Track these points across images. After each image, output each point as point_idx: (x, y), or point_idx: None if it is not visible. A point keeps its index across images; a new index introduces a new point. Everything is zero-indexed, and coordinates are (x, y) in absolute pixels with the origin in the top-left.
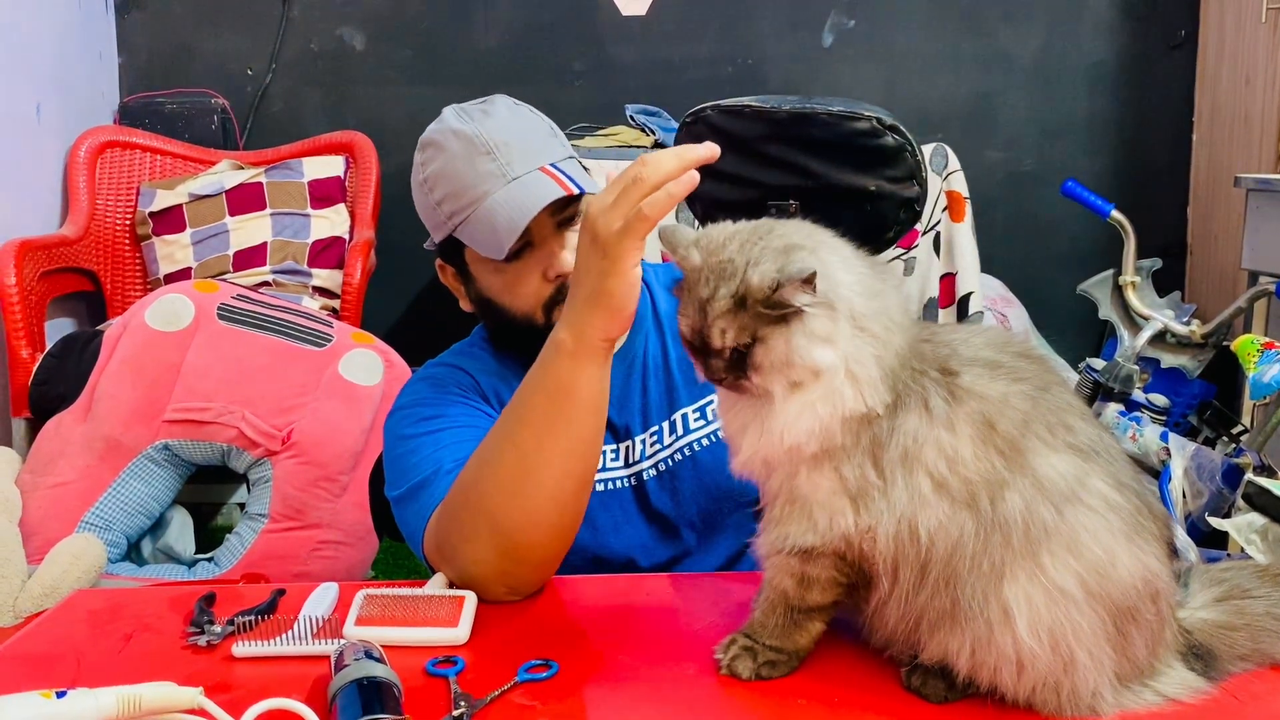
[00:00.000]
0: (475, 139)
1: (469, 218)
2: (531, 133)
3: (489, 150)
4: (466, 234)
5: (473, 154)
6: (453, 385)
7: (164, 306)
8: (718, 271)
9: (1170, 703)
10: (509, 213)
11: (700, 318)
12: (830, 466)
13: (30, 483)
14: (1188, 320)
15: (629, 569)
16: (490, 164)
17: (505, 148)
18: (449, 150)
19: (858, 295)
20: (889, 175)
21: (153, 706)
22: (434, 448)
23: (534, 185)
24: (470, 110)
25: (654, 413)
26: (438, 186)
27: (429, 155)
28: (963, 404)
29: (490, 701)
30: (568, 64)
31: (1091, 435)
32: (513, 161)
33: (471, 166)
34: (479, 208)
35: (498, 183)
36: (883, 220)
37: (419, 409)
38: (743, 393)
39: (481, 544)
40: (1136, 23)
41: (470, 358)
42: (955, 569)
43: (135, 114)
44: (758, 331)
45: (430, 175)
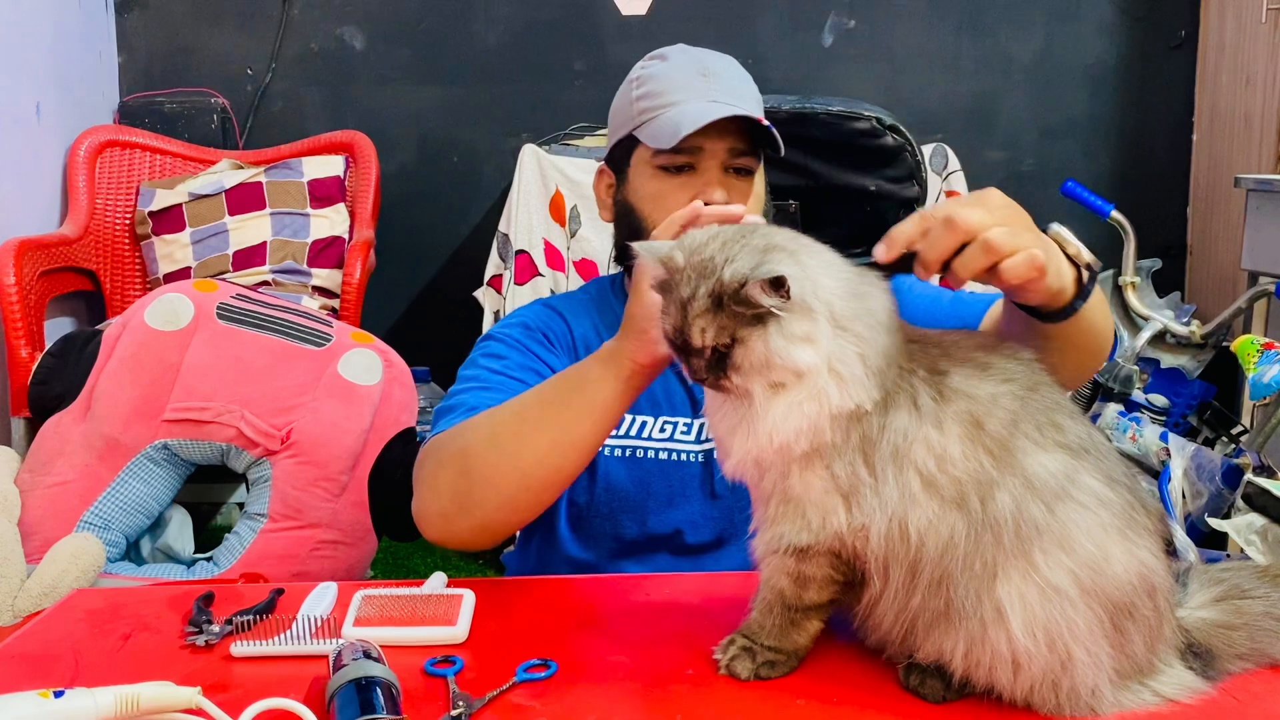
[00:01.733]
0: (700, 60)
1: (659, 116)
2: (747, 89)
3: (707, 73)
4: (649, 130)
5: (693, 70)
6: (539, 330)
7: (163, 306)
8: (698, 270)
9: (1169, 703)
10: (698, 112)
11: (680, 316)
12: (822, 465)
13: (29, 482)
14: (1187, 321)
15: (672, 542)
16: (701, 83)
17: (720, 79)
18: (672, 60)
19: (839, 298)
20: (889, 175)
21: (151, 706)
22: (477, 385)
23: (726, 109)
24: (701, 49)
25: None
26: (644, 85)
27: (651, 61)
28: (951, 403)
29: (489, 701)
30: (568, 64)
31: (1081, 433)
32: (722, 91)
33: (686, 78)
34: (672, 109)
35: (699, 97)
36: (882, 220)
37: (497, 345)
38: (724, 393)
39: (445, 475)
40: (1136, 23)
41: (576, 304)
42: (947, 569)
43: (135, 113)
44: (736, 332)
45: (642, 75)
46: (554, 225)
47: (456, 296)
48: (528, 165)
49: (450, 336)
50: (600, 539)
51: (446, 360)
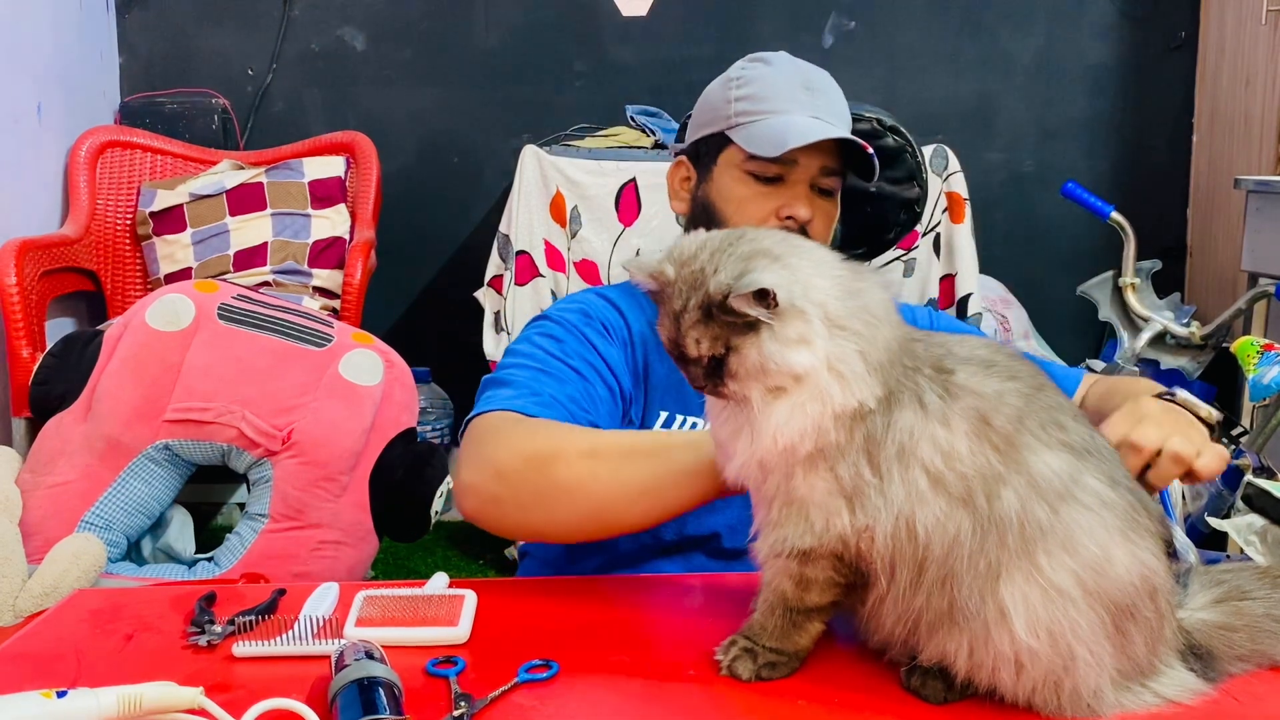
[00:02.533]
0: (807, 74)
1: (760, 122)
2: (843, 107)
3: (812, 88)
4: (745, 132)
5: (798, 81)
6: (599, 320)
7: (164, 306)
8: (689, 282)
9: (1169, 704)
10: (803, 128)
11: (675, 328)
12: (825, 467)
13: (30, 482)
14: (1187, 322)
15: (709, 545)
16: (806, 96)
17: (823, 95)
18: (778, 66)
19: (833, 297)
20: (889, 176)
21: (153, 706)
22: (535, 366)
23: (832, 130)
24: (806, 61)
25: None
26: (746, 86)
27: (754, 64)
28: (957, 400)
29: (491, 702)
30: (568, 64)
31: (1084, 434)
32: (825, 108)
33: (790, 88)
34: (775, 117)
35: (803, 111)
36: (883, 221)
37: (555, 327)
38: (725, 399)
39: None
40: (1136, 24)
41: (633, 298)
42: (952, 568)
43: (136, 114)
44: (730, 340)
45: (743, 76)
46: (554, 226)
47: (457, 297)
48: (528, 166)
49: (451, 337)
50: (636, 538)
51: (447, 360)
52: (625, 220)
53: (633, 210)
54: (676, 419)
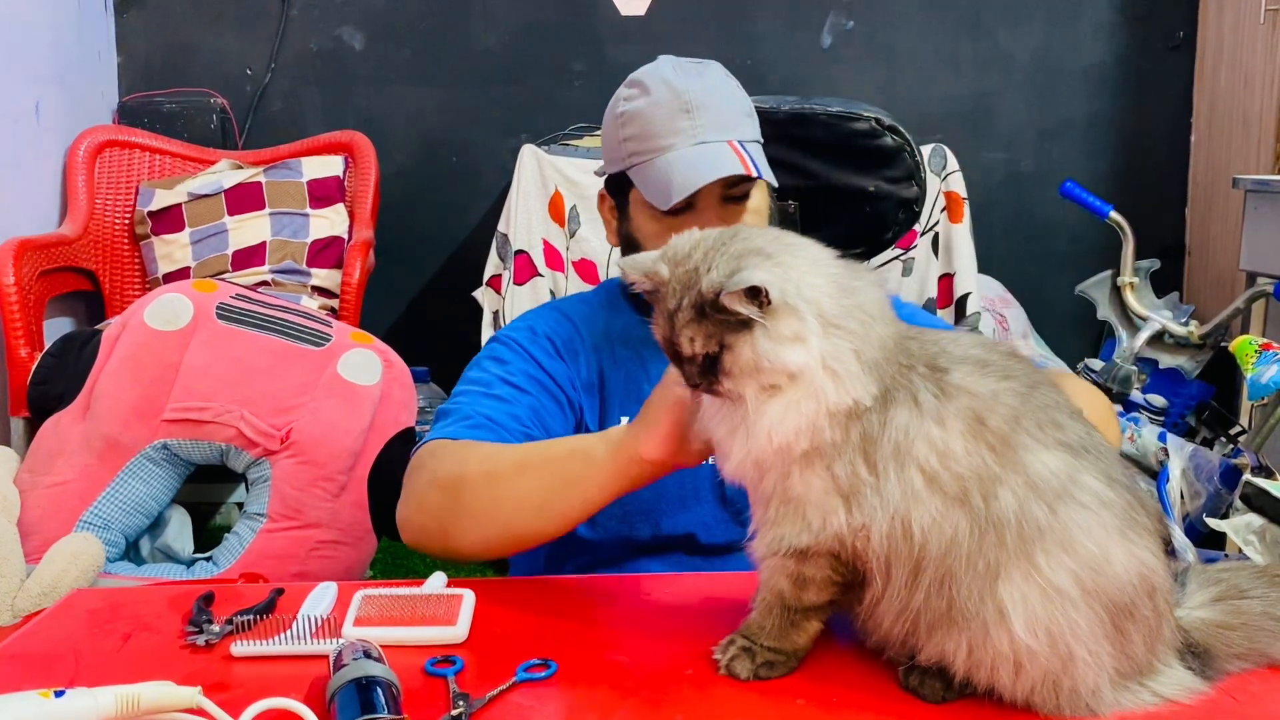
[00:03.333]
0: (681, 94)
1: (648, 162)
2: (732, 106)
3: (689, 109)
4: (639, 176)
5: (674, 107)
6: (545, 336)
7: (163, 306)
8: (683, 281)
9: (1167, 703)
10: (685, 171)
11: (669, 327)
12: (822, 465)
13: (29, 482)
14: (1186, 321)
15: (686, 544)
16: (685, 121)
17: (704, 111)
18: (653, 95)
19: (827, 295)
20: (888, 176)
21: (151, 706)
22: (479, 390)
23: (717, 154)
24: (685, 65)
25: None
26: (630, 124)
27: (634, 93)
28: (953, 399)
29: (489, 701)
30: (566, 64)
31: (1080, 433)
32: (707, 126)
33: (669, 118)
34: (660, 157)
35: (685, 140)
36: (881, 221)
37: (499, 347)
38: (720, 397)
39: (434, 496)
40: (1135, 24)
41: (587, 310)
42: (950, 568)
43: (134, 113)
44: (723, 338)
45: (627, 111)
46: (553, 225)
47: (456, 297)
48: (527, 165)
49: (449, 336)
50: (612, 540)
51: (446, 360)
52: None
53: None
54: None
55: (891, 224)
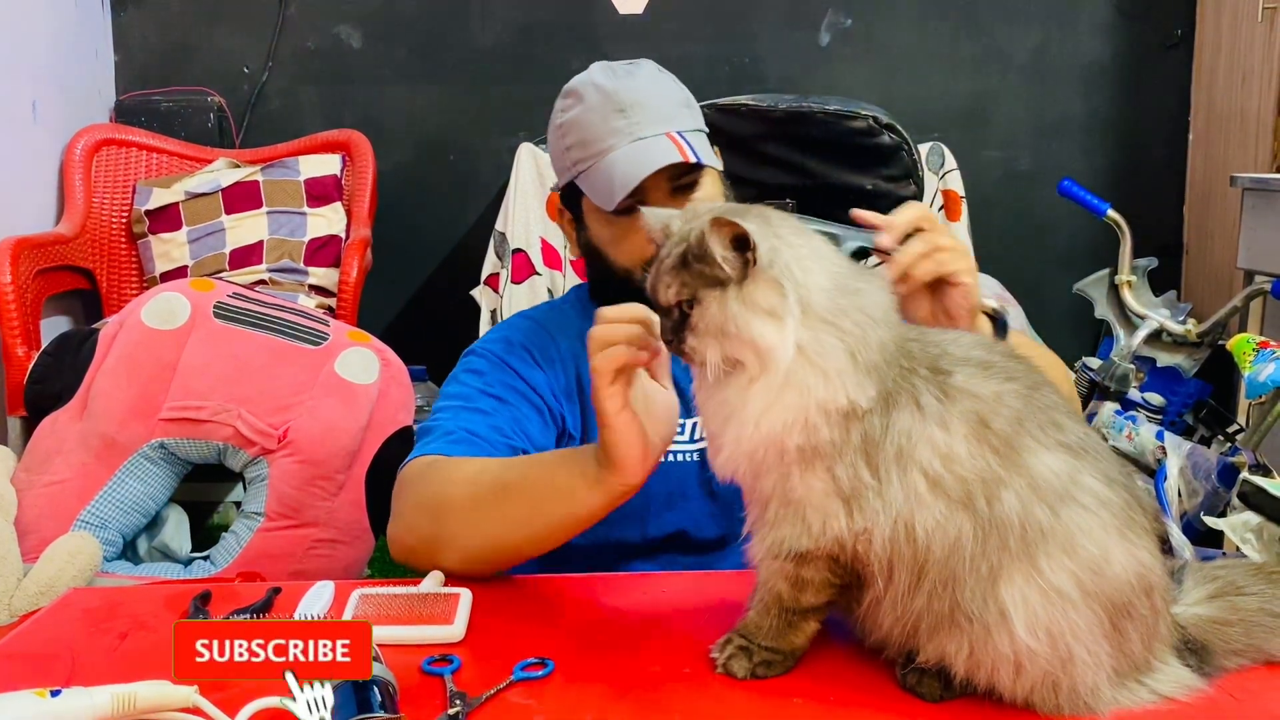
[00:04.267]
0: (613, 95)
1: (591, 168)
2: (667, 99)
3: (623, 109)
4: (586, 183)
5: (607, 109)
6: (521, 348)
7: (160, 305)
8: (682, 236)
9: (1166, 701)
10: (626, 169)
11: (654, 273)
12: (823, 467)
13: (26, 481)
14: (1183, 319)
15: (677, 542)
16: (621, 121)
17: (638, 108)
18: (587, 101)
19: (821, 289)
20: (885, 174)
21: (148, 705)
22: (459, 404)
23: (656, 147)
24: (616, 68)
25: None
26: (570, 133)
27: (569, 103)
28: (956, 402)
29: (486, 700)
30: (565, 63)
31: (1080, 433)
32: (642, 123)
33: (604, 120)
34: (601, 160)
35: (623, 139)
36: None
37: (476, 360)
38: (685, 359)
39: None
40: (1133, 22)
41: (560, 316)
42: (954, 571)
43: (131, 112)
44: (697, 291)
45: (565, 122)
46: (551, 224)
47: (454, 295)
48: (524, 164)
49: (447, 335)
50: (601, 545)
51: (443, 359)
52: None
53: None
54: None
55: None
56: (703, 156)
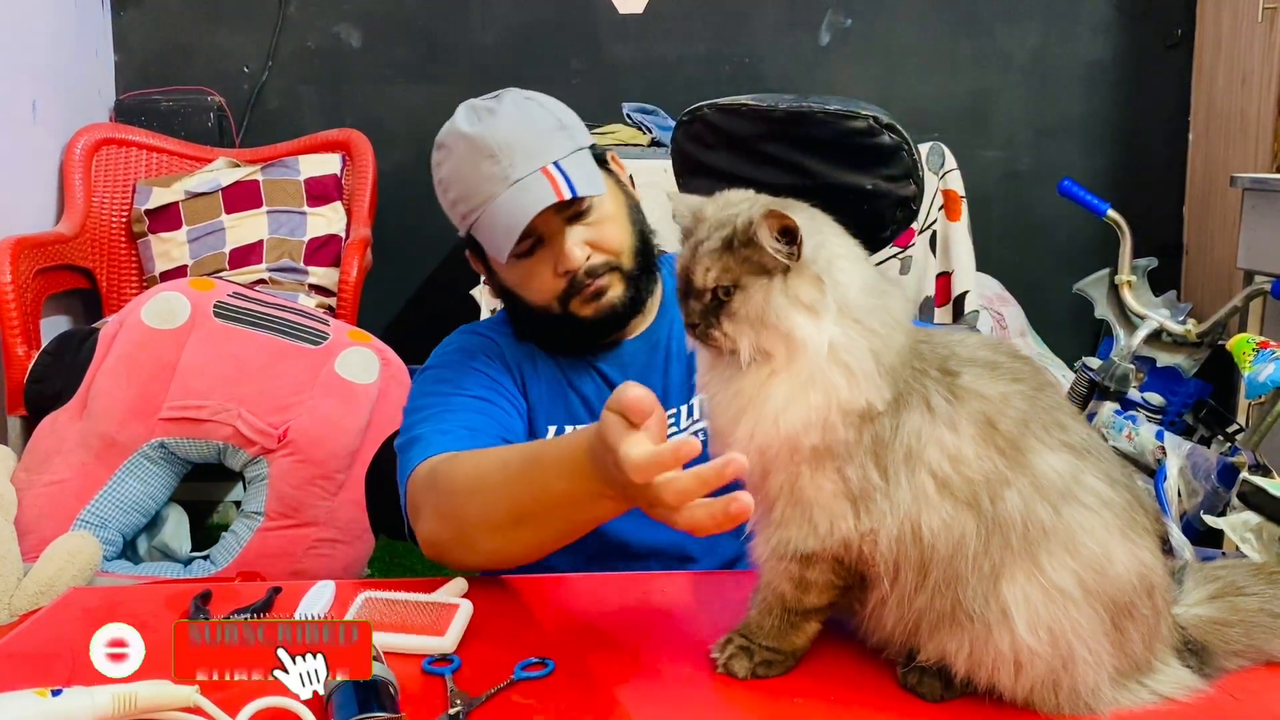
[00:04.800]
0: (480, 142)
1: (477, 220)
2: (536, 131)
3: (492, 154)
4: (479, 234)
5: (478, 157)
6: (480, 354)
7: (160, 304)
8: (722, 221)
9: (1166, 701)
10: (508, 219)
11: (690, 255)
12: (833, 467)
13: (26, 480)
14: (1183, 319)
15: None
16: (493, 167)
17: (508, 149)
18: (457, 153)
19: (856, 289)
20: (886, 174)
21: (148, 705)
22: (440, 410)
23: (533, 189)
24: (479, 109)
25: (674, 396)
26: (450, 188)
27: (441, 157)
28: (965, 403)
29: (486, 700)
30: (565, 62)
31: (1083, 434)
32: (515, 163)
33: (476, 170)
34: (485, 211)
35: (500, 186)
36: (879, 219)
37: (442, 370)
38: (710, 344)
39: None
40: (1133, 22)
41: (501, 327)
42: (957, 570)
43: (131, 111)
44: (740, 278)
45: (443, 177)
46: None
47: (453, 294)
48: None
49: (447, 335)
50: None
51: None
52: None
53: None
54: (566, 428)
55: (889, 222)
56: (581, 185)
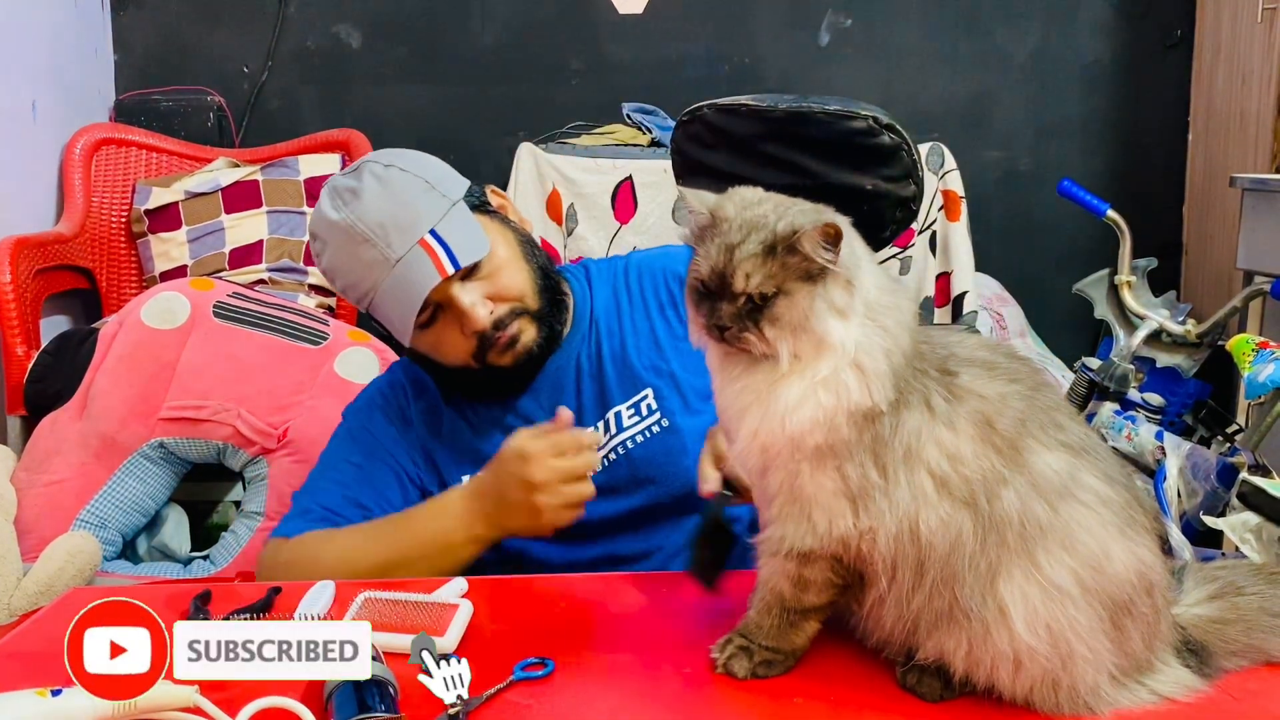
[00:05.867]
0: (352, 229)
1: (372, 303)
2: (404, 202)
3: (367, 238)
4: (377, 316)
5: (353, 244)
6: (380, 412)
7: (160, 304)
8: (750, 223)
9: (1166, 701)
10: (398, 301)
11: (725, 258)
12: (833, 466)
13: (25, 480)
14: (1183, 320)
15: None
16: (371, 251)
17: (381, 230)
18: (333, 243)
19: (876, 287)
20: (885, 174)
21: (148, 705)
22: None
23: (415, 267)
24: (342, 192)
25: (588, 414)
26: (336, 277)
27: (319, 247)
28: (963, 403)
29: (486, 700)
30: (564, 62)
31: (1080, 433)
32: (392, 243)
33: (355, 257)
34: (375, 295)
35: (383, 269)
36: (879, 219)
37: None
38: (740, 346)
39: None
40: (1132, 22)
41: (410, 375)
42: (954, 568)
43: (131, 111)
44: (785, 283)
45: (326, 268)
46: (551, 224)
47: None
48: (524, 164)
49: None
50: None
51: None
52: (621, 218)
53: (629, 208)
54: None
55: (889, 222)
56: (462, 253)
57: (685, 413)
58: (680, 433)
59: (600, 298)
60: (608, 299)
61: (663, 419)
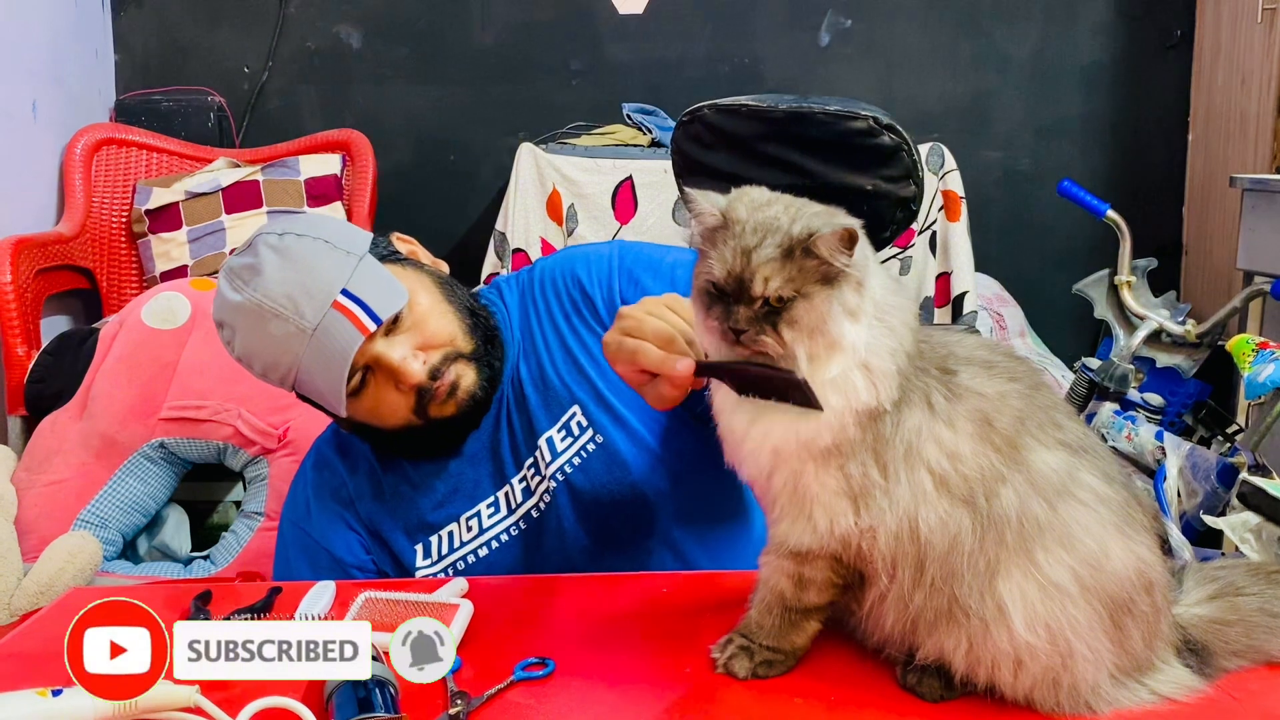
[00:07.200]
0: (259, 306)
1: (296, 379)
2: (307, 267)
3: (276, 312)
4: (304, 393)
5: (263, 322)
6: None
7: (160, 304)
8: (764, 225)
9: (1166, 701)
10: (324, 373)
11: (742, 262)
12: (836, 465)
13: (26, 480)
14: (1183, 320)
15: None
16: (283, 325)
17: (290, 301)
18: (241, 327)
19: (882, 287)
20: (885, 174)
21: (149, 705)
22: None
23: (334, 332)
24: (240, 271)
25: (521, 447)
26: (253, 362)
27: (228, 335)
28: (962, 401)
29: (487, 700)
30: (565, 63)
31: (1079, 433)
32: (303, 312)
33: (268, 335)
34: (298, 371)
35: (299, 341)
36: (879, 219)
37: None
38: (755, 349)
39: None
40: (1132, 23)
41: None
42: (953, 566)
43: (131, 111)
44: (804, 287)
45: (240, 355)
46: (551, 224)
47: None
48: (525, 164)
49: None
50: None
51: None
52: (621, 218)
53: (629, 208)
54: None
55: (889, 223)
56: (381, 306)
57: (616, 425)
58: (615, 447)
59: (514, 318)
60: (519, 318)
61: (596, 435)
